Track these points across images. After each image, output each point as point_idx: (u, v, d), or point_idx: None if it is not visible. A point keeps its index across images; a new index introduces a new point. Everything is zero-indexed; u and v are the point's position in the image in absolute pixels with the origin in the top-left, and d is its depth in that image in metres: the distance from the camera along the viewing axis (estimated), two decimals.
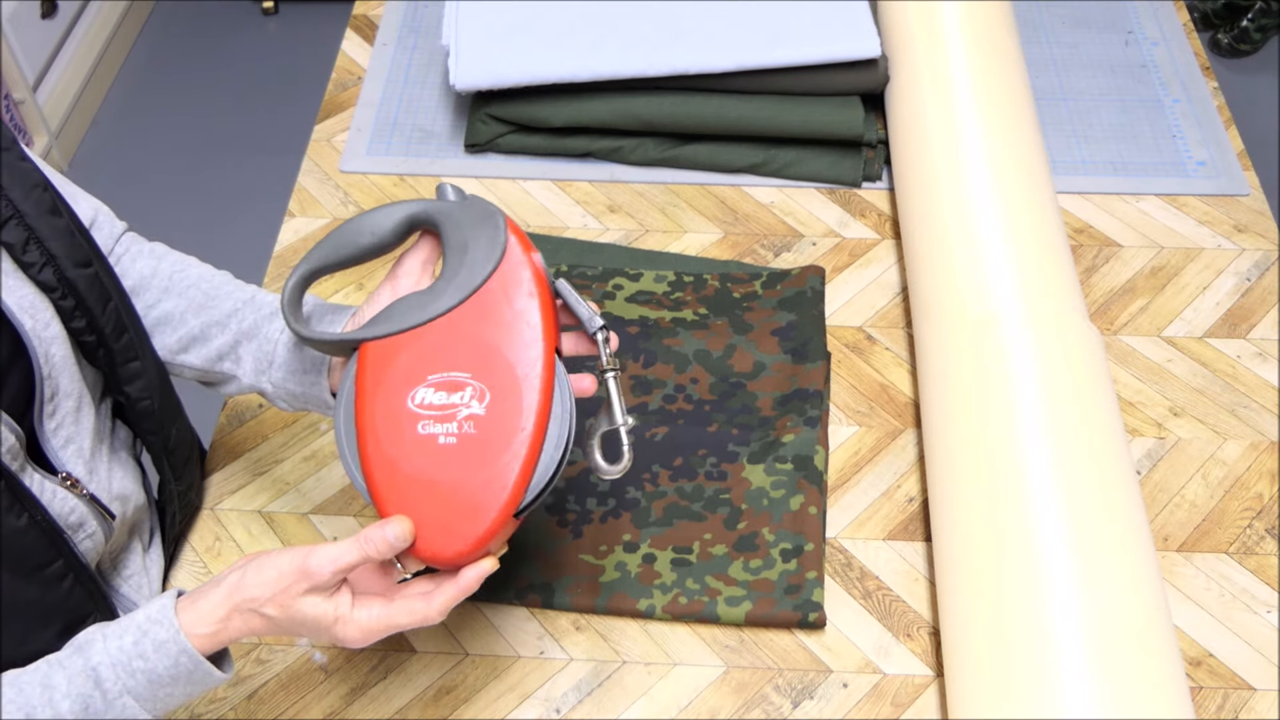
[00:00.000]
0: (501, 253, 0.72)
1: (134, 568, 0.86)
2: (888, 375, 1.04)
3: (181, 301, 0.84)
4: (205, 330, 0.83)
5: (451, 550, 0.69)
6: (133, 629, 0.67)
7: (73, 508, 0.76)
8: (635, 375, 1.02)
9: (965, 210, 1.01)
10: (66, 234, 0.75)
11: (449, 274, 0.73)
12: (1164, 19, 1.36)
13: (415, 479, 0.69)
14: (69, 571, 0.75)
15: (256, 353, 0.81)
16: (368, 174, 1.21)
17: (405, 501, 0.69)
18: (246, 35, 2.67)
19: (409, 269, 0.76)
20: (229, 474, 0.98)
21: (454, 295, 0.72)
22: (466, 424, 0.70)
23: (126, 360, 0.79)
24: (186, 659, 0.67)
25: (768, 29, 1.17)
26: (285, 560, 0.67)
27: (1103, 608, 0.77)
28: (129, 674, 0.66)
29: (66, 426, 0.77)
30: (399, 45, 1.34)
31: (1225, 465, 0.98)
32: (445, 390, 0.70)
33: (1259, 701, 0.85)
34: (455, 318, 0.71)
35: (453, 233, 0.74)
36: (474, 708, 0.85)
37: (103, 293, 0.77)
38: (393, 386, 0.71)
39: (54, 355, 0.75)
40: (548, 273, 0.74)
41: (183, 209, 2.31)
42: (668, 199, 1.18)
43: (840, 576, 0.91)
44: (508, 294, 0.72)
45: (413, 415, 0.70)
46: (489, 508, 0.69)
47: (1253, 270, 1.12)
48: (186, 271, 0.85)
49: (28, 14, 2.25)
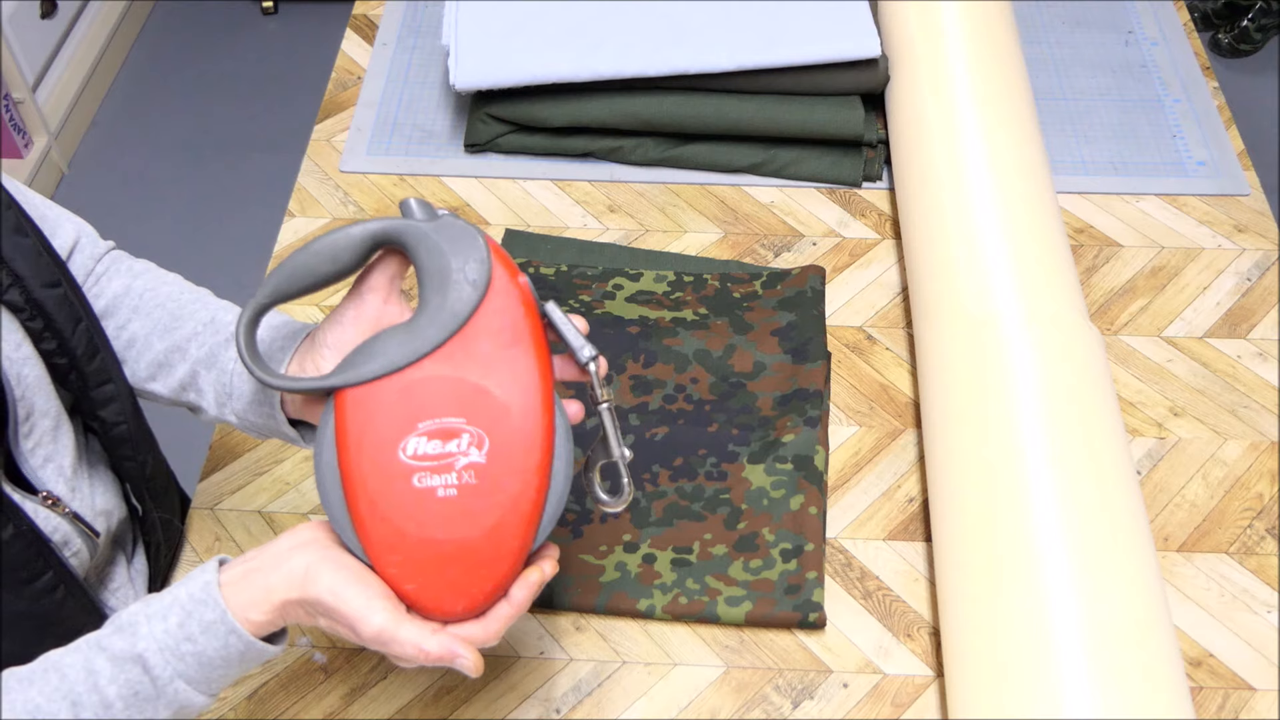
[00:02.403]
0: (487, 282, 0.66)
1: (119, 580, 0.85)
2: (888, 375, 1.04)
3: (148, 322, 0.80)
4: (169, 356, 0.79)
5: (461, 606, 0.65)
6: (176, 609, 0.64)
7: (55, 526, 0.75)
8: (635, 375, 1.02)
9: (965, 210, 1.01)
10: (33, 253, 0.73)
11: (430, 307, 0.66)
12: (1164, 19, 1.36)
13: (415, 537, 0.64)
14: (59, 583, 0.74)
15: (215, 384, 0.77)
16: (368, 174, 1.21)
17: (408, 562, 0.64)
18: (246, 35, 2.67)
19: (374, 285, 0.70)
20: (229, 474, 0.98)
21: (438, 332, 0.65)
22: (466, 473, 0.64)
23: (100, 383, 0.77)
24: (236, 639, 0.64)
25: (768, 29, 1.17)
26: (372, 611, 0.63)
27: (1103, 608, 0.77)
28: (178, 658, 0.64)
29: (45, 445, 0.75)
30: (399, 45, 1.34)
31: (1225, 465, 0.98)
32: (440, 438, 0.64)
33: (1259, 701, 0.85)
34: (441, 356, 0.65)
35: (428, 259, 0.67)
36: (474, 708, 0.85)
37: (72, 313, 0.75)
38: (381, 437, 0.64)
39: (26, 376, 0.73)
40: (536, 296, 0.69)
41: (183, 209, 2.31)
42: (668, 199, 1.18)
43: (840, 576, 0.91)
44: (497, 327, 0.66)
45: (406, 468, 0.64)
46: (498, 560, 0.65)
47: (1253, 270, 1.12)
48: (157, 290, 0.81)
49: (28, 14, 2.25)
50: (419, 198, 0.70)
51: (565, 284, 1.09)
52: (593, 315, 1.06)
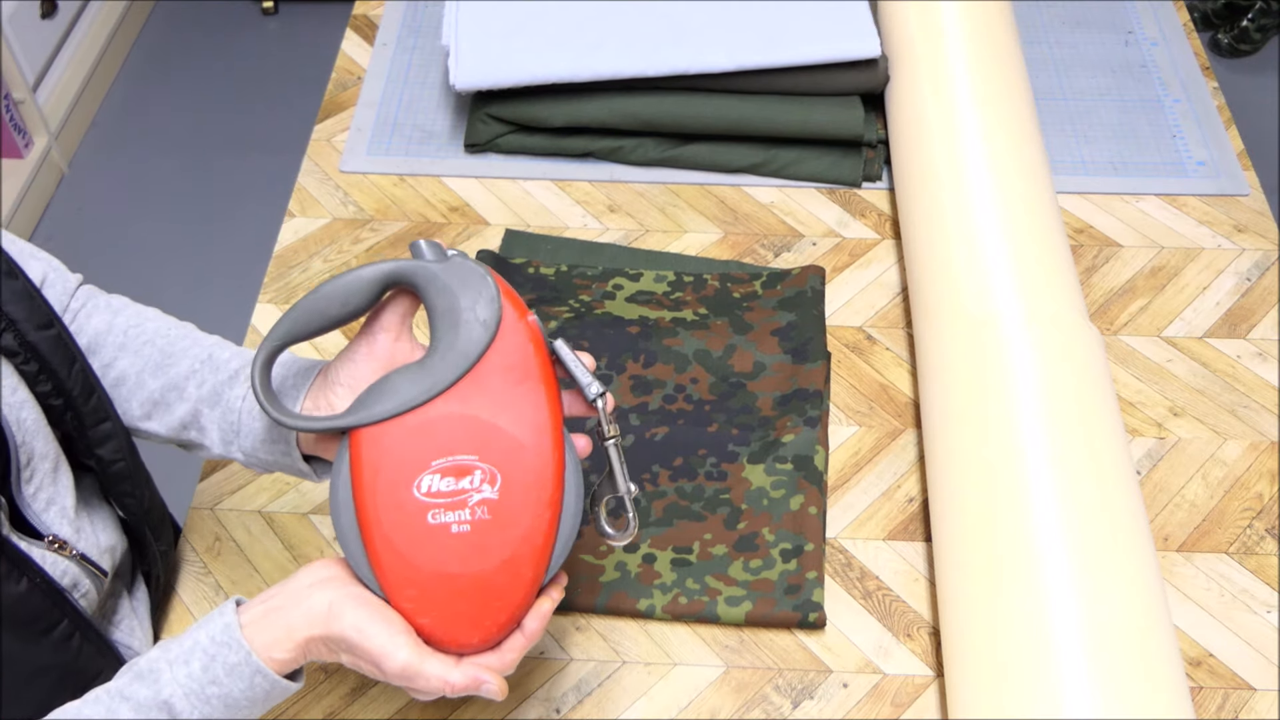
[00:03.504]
0: (497, 321, 0.67)
1: (123, 612, 0.84)
2: (888, 375, 1.04)
3: (138, 360, 0.79)
4: (164, 395, 0.78)
5: (475, 639, 0.67)
6: (199, 654, 0.65)
7: (64, 570, 0.74)
8: (635, 375, 1.02)
9: (965, 210, 1.01)
10: (25, 297, 0.73)
11: (442, 346, 0.67)
12: (1164, 19, 1.36)
13: (430, 572, 0.66)
14: (75, 630, 0.73)
15: (221, 422, 0.76)
16: (368, 174, 1.21)
17: (423, 596, 0.66)
18: (246, 35, 2.67)
19: (387, 325, 0.70)
20: (229, 474, 0.98)
21: (450, 371, 0.67)
22: (479, 509, 0.66)
23: (97, 422, 0.76)
24: (263, 679, 0.65)
25: (768, 29, 1.17)
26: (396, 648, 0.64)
27: (1103, 608, 0.77)
28: (204, 701, 0.64)
29: (46, 489, 0.75)
30: (399, 45, 1.34)
31: (1225, 465, 0.98)
32: (453, 475, 0.66)
33: (1259, 701, 0.85)
34: (453, 395, 0.66)
35: (438, 299, 0.68)
36: (474, 708, 0.85)
37: (67, 354, 0.74)
38: (395, 475, 0.66)
39: (25, 420, 0.72)
40: (545, 334, 0.70)
41: (183, 209, 2.31)
42: (668, 199, 1.18)
43: (840, 576, 0.91)
44: (507, 366, 0.67)
45: (421, 505, 0.66)
46: (511, 593, 0.66)
47: (1253, 270, 1.12)
48: (143, 327, 0.80)
49: (28, 14, 2.25)
50: (429, 239, 0.70)
51: (565, 284, 1.09)
52: (593, 315, 1.06)
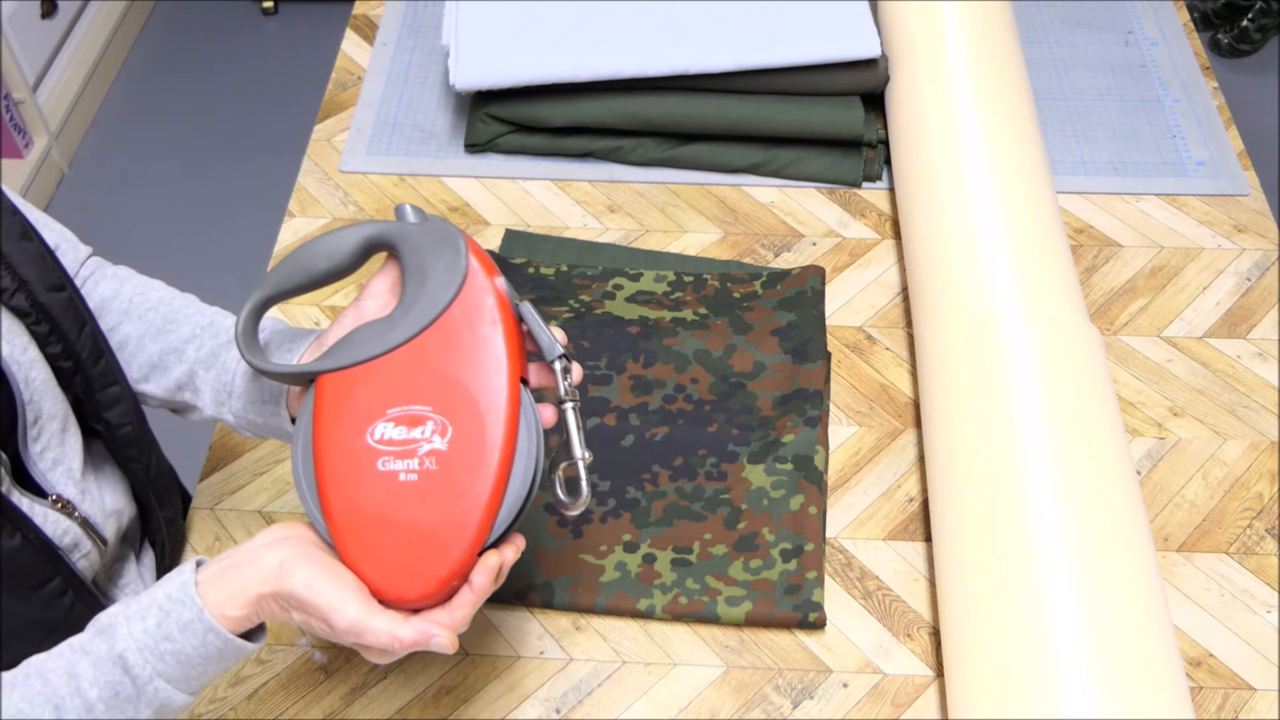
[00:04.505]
0: (462, 278, 0.69)
1: (129, 576, 0.85)
2: (888, 375, 1.04)
3: (140, 325, 0.81)
4: (163, 358, 0.80)
5: (415, 592, 0.66)
6: (155, 610, 0.66)
7: (65, 529, 0.75)
8: (635, 375, 1.02)
9: (965, 210, 1.01)
10: (38, 259, 0.74)
11: (407, 301, 0.70)
12: (1164, 19, 1.36)
13: (375, 518, 0.67)
14: (68, 588, 0.74)
15: (215, 383, 0.79)
16: (368, 174, 1.21)
17: (365, 541, 0.67)
18: (246, 35, 2.67)
19: (375, 292, 0.73)
20: (229, 474, 0.98)
21: (413, 324, 0.69)
22: (428, 460, 0.67)
23: (105, 385, 0.78)
24: (215, 638, 0.65)
25: (767, 29, 1.17)
26: (345, 603, 0.65)
27: (1103, 608, 0.77)
28: (157, 657, 0.65)
29: (53, 449, 0.76)
30: (399, 45, 1.34)
31: (1225, 465, 0.98)
32: (405, 425, 0.67)
33: (1259, 701, 0.85)
34: (415, 348, 0.68)
35: (411, 257, 0.71)
36: (474, 708, 0.85)
37: (77, 317, 0.76)
38: (351, 421, 0.68)
39: (34, 379, 0.74)
40: (512, 297, 0.71)
41: (183, 209, 2.31)
42: (668, 199, 1.18)
43: (840, 576, 0.91)
44: (469, 322, 0.69)
45: (372, 451, 0.67)
46: (452, 547, 0.66)
47: (1253, 270, 1.12)
48: (148, 295, 0.83)
49: (28, 14, 2.24)
50: (415, 205, 0.73)
51: (565, 284, 1.09)
52: (593, 315, 1.06)
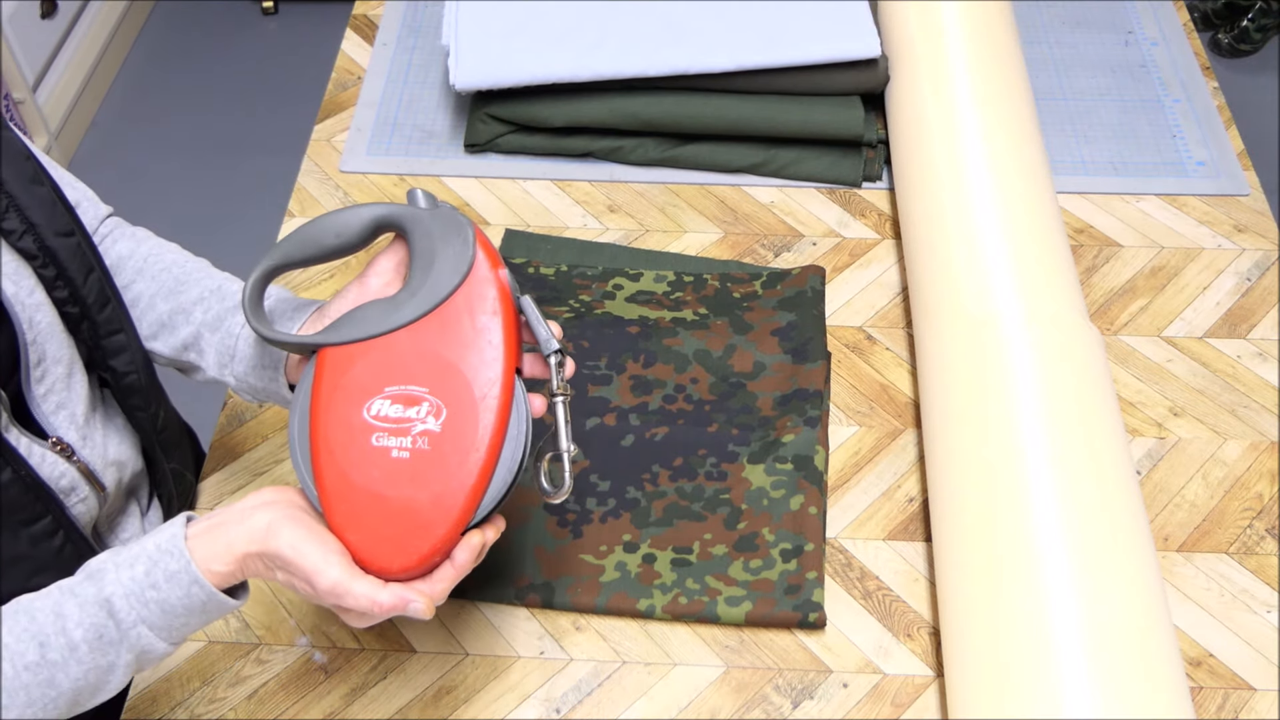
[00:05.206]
0: (468, 267, 0.72)
1: (131, 530, 0.86)
2: (888, 375, 1.04)
3: (153, 285, 0.84)
4: (172, 318, 0.83)
5: (397, 564, 0.68)
6: (143, 558, 0.67)
7: (63, 472, 0.76)
8: (635, 375, 1.02)
9: (965, 210, 1.01)
10: (48, 203, 0.76)
11: (414, 285, 0.72)
12: (1164, 19, 1.36)
13: (366, 491, 0.69)
14: (59, 529, 0.75)
15: (219, 345, 0.81)
16: (368, 174, 1.21)
17: (354, 512, 0.69)
18: (246, 35, 2.67)
19: (380, 269, 0.75)
20: (229, 474, 0.98)
21: (417, 307, 0.71)
22: (421, 439, 0.69)
23: (111, 333, 0.80)
24: (199, 590, 0.67)
25: (768, 29, 1.17)
26: (328, 565, 0.67)
27: (1103, 608, 0.77)
28: (142, 604, 0.67)
29: (58, 392, 0.77)
30: (399, 45, 1.34)
31: (1225, 465, 0.98)
32: (402, 404, 0.70)
33: (1259, 701, 0.85)
34: (417, 330, 0.71)
35: (420, 241, 0.73)
36: (474, 708, 0.85)
37: (84, 262, 0.77)
38: (349, 395, 0.70)
39: (39, 321, 0.75)
40: (514, 289, 0.74)
41: (183, 209, 2.31)
42: (668, 199, 1.18)
43: (840, 576, 0.91)
44: (471, 310, 0.71)
45: (367, 426, 0.69)
46: (437, 525, 0.68)
47: (1253, 270, 1.12)
48: (162, 256, 0.86)
49: (28, 14, 2.25)
50: (427, 191, 0.75)
51: (565, 284, 1.09)
52: (593, 315, 1.06)
